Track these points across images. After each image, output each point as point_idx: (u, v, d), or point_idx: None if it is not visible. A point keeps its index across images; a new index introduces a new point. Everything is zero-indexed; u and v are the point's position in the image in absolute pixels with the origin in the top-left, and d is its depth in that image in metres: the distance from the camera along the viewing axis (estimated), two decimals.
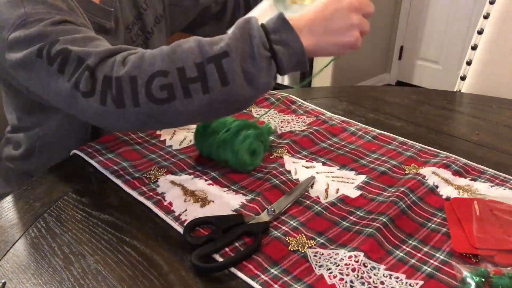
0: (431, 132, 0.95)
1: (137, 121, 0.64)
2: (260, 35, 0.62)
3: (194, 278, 0.55)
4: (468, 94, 1.28)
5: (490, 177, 0.77)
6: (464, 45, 3.03)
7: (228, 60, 0.60)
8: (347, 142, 0.88)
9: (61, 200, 0.69)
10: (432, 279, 0.56)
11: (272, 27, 0.63)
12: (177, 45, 0.64)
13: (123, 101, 0.62)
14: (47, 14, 0.70)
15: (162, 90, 0.61)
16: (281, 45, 0.63)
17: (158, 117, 0.63)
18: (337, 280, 0.54)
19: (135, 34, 0.96)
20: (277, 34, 0.63)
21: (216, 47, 0.61)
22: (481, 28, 1.36)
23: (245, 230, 0.61)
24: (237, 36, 0.62)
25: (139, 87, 0.61)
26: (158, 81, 0.61)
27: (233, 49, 0.61)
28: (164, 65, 0.62)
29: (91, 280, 0.55)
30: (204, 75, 0.61)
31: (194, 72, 0.61)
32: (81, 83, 0.64)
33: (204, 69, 0.61)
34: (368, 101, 1.11)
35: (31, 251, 0.59)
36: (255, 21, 0.63)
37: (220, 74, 0.60)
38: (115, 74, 0.62)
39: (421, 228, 0.64)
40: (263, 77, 0.62)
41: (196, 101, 0.62)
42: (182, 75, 0.61)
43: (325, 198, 0.70)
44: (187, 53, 0.62)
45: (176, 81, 0.61)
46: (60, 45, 0.66)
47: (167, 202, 0.68)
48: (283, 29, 0.63)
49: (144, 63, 0.62)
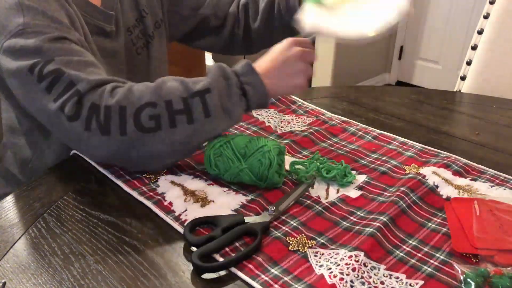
0: (431, 132, 0.95)
1: (118, 150, 0.69)
2: (234, 77, 0.73)
3: (194, 278, 0.55)
4: (468, 94, 1.28)
5: (490, 177, 0.77)
6: (464, 45, 3.02)
7: (210, 95, 0.70)
8: (347, 142, 0.88)
9: (61, 200, 0.69)
10: (432, 279, 0.56)
11: (241, 71, 0.74)
12: (162, 82, 0.71)
13: (109, 129, 0.67)
14: (46, 27, 0.71)
15: (150, 120, 0.67)
16: (250, 86, 0.74)
17: (142, 146, 0.68)
18: (337, 280, 0.54)
19: (136, 37, 0.96)
20: (246, 77, 0.74)
21: (199, 85, 0.70)
22: (481, 28, 1.36)
23: (245, 230, 0.61)
24: (217, 77, 0.72)
25: (127, 116, 0.67)
26: (148, 111, 0.67)
27: (214, 87, 0.70)
28: (153, 98, 0.68)
29: (91, 280, 0.55)
30: (190, 107, 0.69)
31: (181, 105, 0.68)
32: (67, 106, 0.67)
33: (189, 102, 0.69)
34: (368, 101, 1.11)
35: (31, 251, 0.59)
36: (227, 66, 0.74)
37: (204, 107, 0.69)
38: (104, 103, 0.67)
39: (421, 228, 0.64)
40: (237, 111, 0.74)
41: (180, 130, 0.68)
42: (169, 107, 0.68)
43: (325, 198, 0.70)
44: (172, 89, 0.69)
45: (163, 112, 0.68)
46: (54, 64, 0.68)
47: (167, 202, 0.68)
48: (250, 73, 0.74)
49: (133, 95, 0.68)
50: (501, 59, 1.34)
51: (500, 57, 1.34)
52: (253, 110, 0.99)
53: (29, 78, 0.69)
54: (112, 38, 0.89)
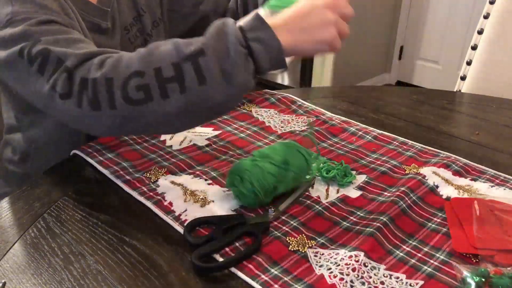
0: (431, 132, 0.95)
1: (114, 124, 0.63)
2: (236, 33, 0.61)
3: (194, 278, 0.55)
4: (468, 94, 1.28)
5: (490, 177, 0.77)
6: (464, 45, 3.02)
7: (205, 58, 0.60)
8: (347, 142, 0.88)
9: (61, 200, 0.69)
10: (432, 279, 0.55)
11: (248, 26, 0.63)
12: (154, 47, 0.63)
13: (99, 103, 0.62)
14: (34, 13, 0.69)
15: (138, 91, 0.60)
16: (258, 43, 0.62)
17: (135, 119, 0.63)
18: (337, 280, 0.54)
19: (133, 35, 0.96)
20: (253, 32, 0.62)
21: (192, 47, 0.61)
22: (481, 28, 1.36)
23: (245, 230, 0.61)
24: (213, 35, 0.62)
25: (115, 88, 0.61)
26: (134, 82, 0.60)
27: (209, 48, 0.60)
28: (140, 66, 0.61)
29: (91, 280, 0.55)
30: (181, 74, 0.60)
31: (171, 72, 0.60)
32: (58, 84, 0.63)
33: (181, 68, 0.60)
34: (368, 101, 1.11)
35: (31, 251, 0.59)
36: (231, 21, 0.63)
37: (197, 72, 0.60)
38: (91, 76, 0.62)
39: (421, 228, 0.64)
40: (241, 74, 0.61)
41: (174, 101, 0.61)
42: (158, 75, 0.60)
43: (325, 198, 0.70)
44: (164, 54, 0.61)
45: (152, 81, 0.60)
46: (41, 45, 0.66)
47: (167, 202, 0.68)
48: (259, 27, 0.63)
49: (120, 65, 0.62)
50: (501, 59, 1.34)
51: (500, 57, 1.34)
52: (254, 109, 0.99)
53: (21, 62, 0.67)
54: (108, 35, 0.90)
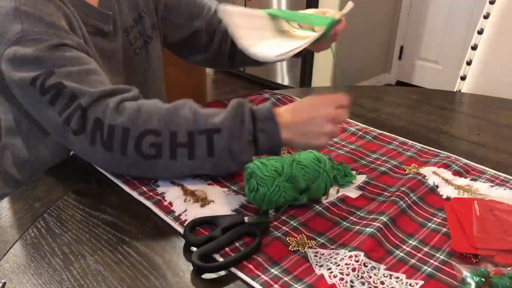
0: (431, 132, 0.95)
1: (121, 166, 0.70)
2: (249, 122, 0.70)
3: (194, 278, 0.55)
4: (468, 94, 1.28)
5: (490, 177, 0.77)
6: (464, 45, 3.02)
7: (219, 136, 0.68)
8: (347, 142, 0.88)
9: (61, 200, 0.69)
10: (432, 279, 0.55)
11: (261, 116, 0.71)
12: (175, 110, 0.69)
13: (112, 146, 0.68)
14: (44, 34, 0.71)
15: (151, 147, 0.67)
16: (263, 133, 0.71)
17: (142, 168, 0.70)
18: (337, 280, 0.54)
19: (134, 37, 0.96)
20: (263, 123, 0.71)
21: (211, 121, 0.68)
22: (481, 28, 1.36)
23: (245, 230, 0.61)
24: (231, 117, 0.69)
25: (130, 139, 0.67)
26: (150, 139, 0.67)
27: (225, 128, 0.68)
28: (158, 126, 0.67)
29: (91, 280, 0.55)
30: (193, 143, 0.68)
31: (185, 139, 0.68)
32: (72, 121, 0.68)
33: (194, 138, 0.68)
34: (368, 101, 1.11)
35: (31, 251, 0.59)
36: (248, 107, 0.71)
37: (209, 146, 0.68)
38: (108, 121, 0.67)
39: (421, 228, 0.64)
40: (244, 156, 0.70)
41: (180, 164, 0.69)
42: (173, 138, 0.67)
43: (325, 198, 0.70)
44: (182, 119, 0.68)
45: (166, 142, 0.67)
46: (55, 78, 0.69)
47: (167, 202, 0.68)
48: (268, 120, 0.71)
49: (139, 118, 0.68)
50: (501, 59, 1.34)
51: (500, 57, 1.34)
52: None
53: (32, 91, 0.70)
54: (110, 39, 0.89)
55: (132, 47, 0.96)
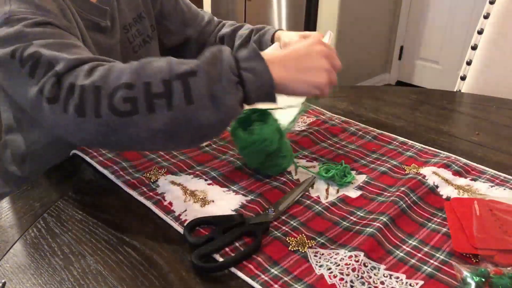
0: (431, 132, 0.95)
1: (97, 133, 0.62)
2: (230, 60, 0.62)
3: (194, 278, 0.55)
4: (468, 94, 1.28)
5: (490, 177, 0.77)
6: (464, 45, 3.02)
7: (195, 79, 0.60)
8: (347, 142, 0.88)
9: (61, 200, 0.69)
10: (432, 279, 0.55)
11: (243, 56, 0.63)
12: (147, 61, 0.63)
13: (84, 110, 0.61)
14: (31, 14, 0.69)
15: (125, 103, 0.60)
16: (250, 72, 0.63)
17: (119, 131, 0.62)
18: (337, 280, 0.54)
19: (133, 35, 0.97)
20: (247, 62, 0.63)
21: (185, 66, 0.61)
22: (481, 28, 1.36)
23: (245, 230, 0.61)
24: (207, 59, 0.62)
25: (102, 97, 0.60)
26: (122, 93, 0.60)
27: (202, 70, 0.60)
28: (130, 78, 0.61)
29: (91, 280, 0.55)
30: (170, 91, 0.60)
31: (160, 88, 0.60)
32: (45, 88, 0.63)
33: (170, 86, 0.60)
34: (368, 101, 1.11)
35: (31, 251, 0.59)
36: (228, 49, 0.64)
37: (186, 91, 0.60)
38: (79, 82, 0.61)
39: (421, 228, 0.64)
40: (229, 100, 0.61)
41: (159, 117, 0.60)
42: (147, 89, 0.60)
43: (325, 198, 0.70)
44: (156, 69, 0.62)
45: (140, 95, 0.60)
46: (33, 48, 0.65)
47: (167, 202, 0.68)
48: (253, 58, 0.63)
49: (110, 75, 0.62)
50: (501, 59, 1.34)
51: (500, 57, 1.34)
52: None
53: (12, 64, 0.66)
54: (107, 34, 0.90)
55: (132, 44, 0.97)
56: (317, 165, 0.79)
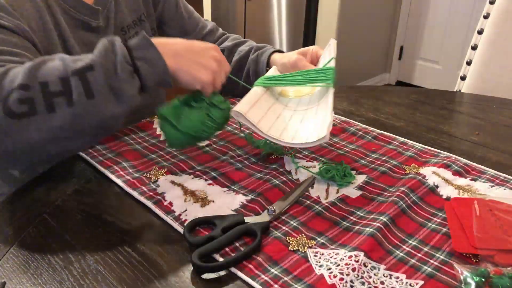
0: (431, 132, 0.95)
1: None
2: (123, 51, 0.64)
3: (194, 278, 0.55)
4: (468, 94, 1.28)
5: (490, 177, 0.77)
6: (464, 45, 3.03)
7: (93, 73, 0.61)
8: (347, 142, 0.88)
9: (61, 200, 0.69)
10: (432, 279, 0.55)
11: (135, 45, 0.66)
12: (41, 61, 0.63)
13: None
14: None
15: (21, 104, 0.59)
16: (144, 61, 0.65)
17: (17, 134, 0.60)
18: (337, 280, 0.54)
19: (131, 37, 0.97)
20: (140, 51, 0.66)
21: (81, 62, 0.62)
22: (481, 28, 1.36)
23: (245, 230, 0.61)
24: (101, 52, 0.63)
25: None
26: (17, 95, 0.59)
27: (98, 64, 0.62)
28: (25, 79, 0.60)
29: (91, 280, 0.55)
30: (69, 88, 0.60)
31: (58, 86, 0.60)
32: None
33: (69, 82, 0.61)
34: (368, 101, 1.11)
35: (31, 251, 0.59)
36: (119, 39, 0.66)
37: (85, 86, 0.61)
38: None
39: (421, 228, 0.64)
40: (129, 90, 0.64)
41: (60, 115, 0.60)
42: (45, 89, 0.60)
43: (325, 198, 0.70)
44: (51, 68, 0.62)
45: (38, 95, 0.60)
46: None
47: (167, 202, 0.68)
48: (146, 47, 0.66)
49: (5, 79, 0.61)
50: (501, 59, 1.34)
51: (500, 57, 1.34)
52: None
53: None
54: (99, 34, 0.90)
55: None
56: (317, 165, 0.79)
